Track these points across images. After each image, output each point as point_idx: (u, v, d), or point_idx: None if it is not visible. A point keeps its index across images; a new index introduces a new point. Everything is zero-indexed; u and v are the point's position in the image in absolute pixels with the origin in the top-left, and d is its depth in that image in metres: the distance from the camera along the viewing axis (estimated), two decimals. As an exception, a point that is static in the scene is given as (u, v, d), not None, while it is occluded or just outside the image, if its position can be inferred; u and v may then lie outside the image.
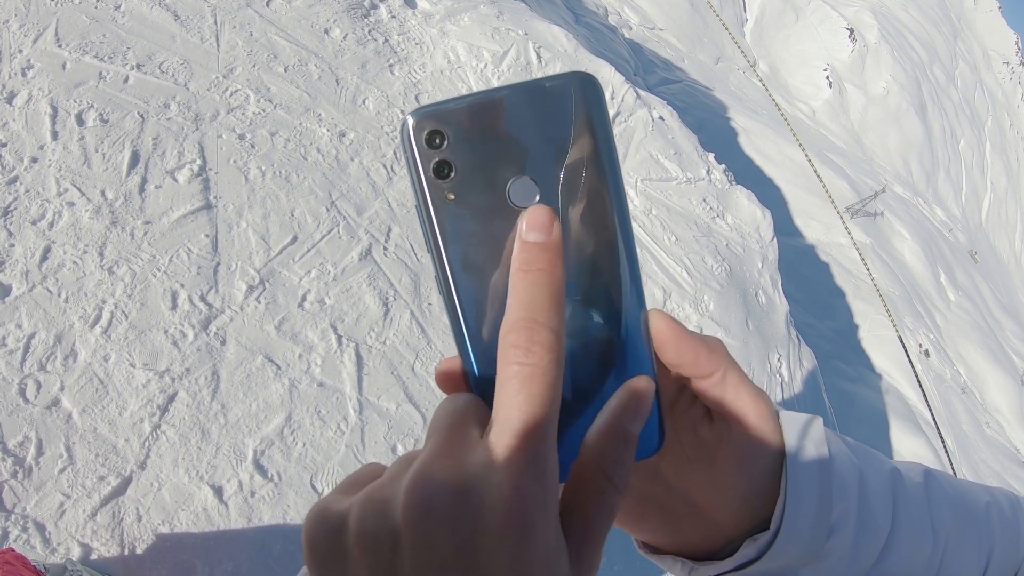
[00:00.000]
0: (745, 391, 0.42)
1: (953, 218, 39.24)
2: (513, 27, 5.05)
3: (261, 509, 2.32)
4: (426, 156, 0.32)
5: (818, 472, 0.43)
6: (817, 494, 0.43)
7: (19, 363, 2.25)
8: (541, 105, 0.33)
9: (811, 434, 0.44)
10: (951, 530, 0.51)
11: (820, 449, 0.43)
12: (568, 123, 0.34)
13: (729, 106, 17.20)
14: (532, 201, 0.33)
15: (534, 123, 0.33)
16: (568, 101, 0.34)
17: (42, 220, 2.57)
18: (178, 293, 2.63)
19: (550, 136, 0.33)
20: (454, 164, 0.32)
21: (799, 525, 0.42)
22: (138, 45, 3.34)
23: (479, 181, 0.33)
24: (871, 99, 40.98)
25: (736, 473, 0.43)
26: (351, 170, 3.53)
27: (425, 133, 0.32)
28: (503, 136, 0.33)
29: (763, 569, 0.44)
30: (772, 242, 5.63)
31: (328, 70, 3.95)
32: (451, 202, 0.33)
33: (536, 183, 0.33)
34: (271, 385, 2.59)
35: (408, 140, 0.33)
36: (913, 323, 18.73)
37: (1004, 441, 18.65)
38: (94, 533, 2.06)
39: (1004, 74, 64.91)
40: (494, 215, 0.33)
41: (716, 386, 0.41)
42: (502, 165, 0.33)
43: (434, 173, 0.32)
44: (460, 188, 0.33)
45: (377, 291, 3.09)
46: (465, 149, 0.33)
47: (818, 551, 0.44)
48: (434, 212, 0.33)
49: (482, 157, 0.33)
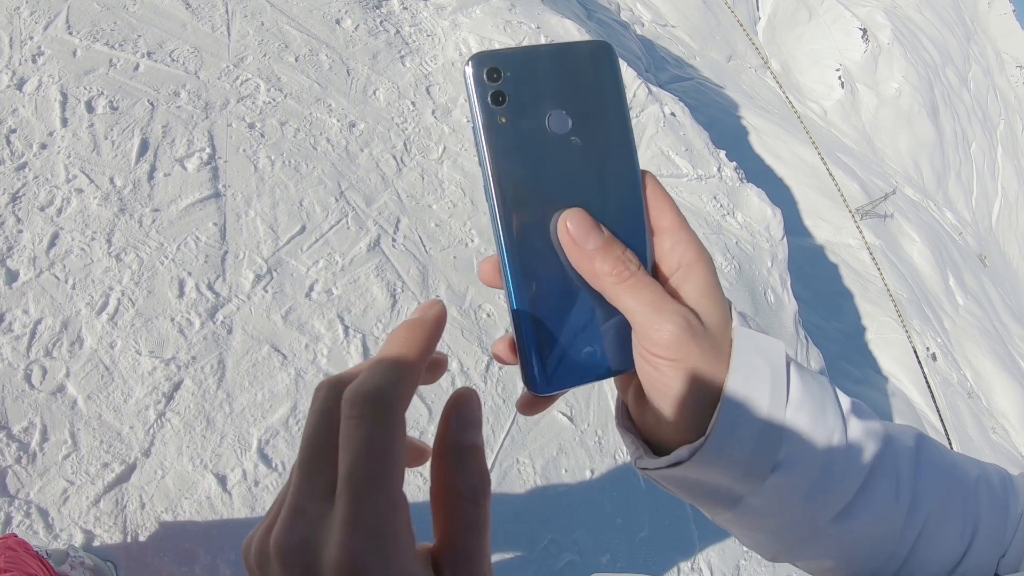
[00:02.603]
0: (702, 293, 0.46)
1: (963, 221, 39.00)
2: (525, 20, 5.02)
3: (265, 498, 2.31)
4: (484, 87, 0.42)
5: (769, 393, 0.45)
6: (765, 414, 0.44)
7: (25, 349, 2.24)
8: (575, 59, 0.44)
9: (770, 358, 0.46)
10: (935, 503, 0.50)
11: (777, 373, 0.46)
12: (592, 75, 0.44)
13: (740, 104, 17.12)
14: (565, 129, 0.43)
15: (569, 72, 0.43)
16: (592, 58, 0.44)
17: (50, 206, 2.57)
18: (185, 281, 2.62)
19: (579, 82, 0.44)
20: (507, 95, 0.42)
21: (731, 439, 0.44)
22: (149, 33, 3.33)
23: (525, 109, 0.42)
24: (883, 100, 40.70)
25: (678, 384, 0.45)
26: (360, 161, 3.52)
27: (486, 69, 0.42)
28: (545, 78, 0.43)
29: (698, 477, 0.46)
30: (782, 241, 5.60)
31: (339, 60, 3.93)
32: (502, 124, 0.42)
33: (568, 115, 0.43)
34: (277, 375, 2.58)
35: (472, 74, 0.42)
36: (921, 326, 18.63)
37: (1009, 447, 18.55)
38: (97, 520, 2.06)
39: (1017, 78, 64.41)
40: (535, 138, 0.43)
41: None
42: (544, 99, 0.43)
43: (491, 100, 0.42)
44: (510, 114, 0.42)
45: (385, 282, 3.07)
46: (516, 84, 0.42)
47: (759, 478, 0.45)
48: (488, 132, 0.42)
49: (529, 92, 0.42)
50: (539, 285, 0.44)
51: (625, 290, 0.44)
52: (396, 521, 0.32)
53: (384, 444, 0.32)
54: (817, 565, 0.52)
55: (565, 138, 0.43)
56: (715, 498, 0.49)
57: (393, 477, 0.32)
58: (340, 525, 0.31)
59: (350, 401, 0.33)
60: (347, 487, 0.31)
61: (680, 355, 0.43)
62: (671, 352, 0.43)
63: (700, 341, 0.44)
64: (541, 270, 0.44)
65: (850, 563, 0.50)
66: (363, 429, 0.32)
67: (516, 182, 0.42)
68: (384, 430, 0.32)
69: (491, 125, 0.42)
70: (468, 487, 0.34)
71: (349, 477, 0.31)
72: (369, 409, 0.32)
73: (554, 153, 0.43)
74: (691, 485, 0.48)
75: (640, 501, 3.13)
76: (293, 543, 0.32)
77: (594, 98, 0.44)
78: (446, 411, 0.37)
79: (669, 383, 0.44)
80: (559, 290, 0.45)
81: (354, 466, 0.32)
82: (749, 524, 0.50)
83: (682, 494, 0.51)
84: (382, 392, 0.33)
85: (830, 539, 0.49)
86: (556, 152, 0.43)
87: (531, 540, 2.73)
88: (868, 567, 0.50)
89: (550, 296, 0.45)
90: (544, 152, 0.43)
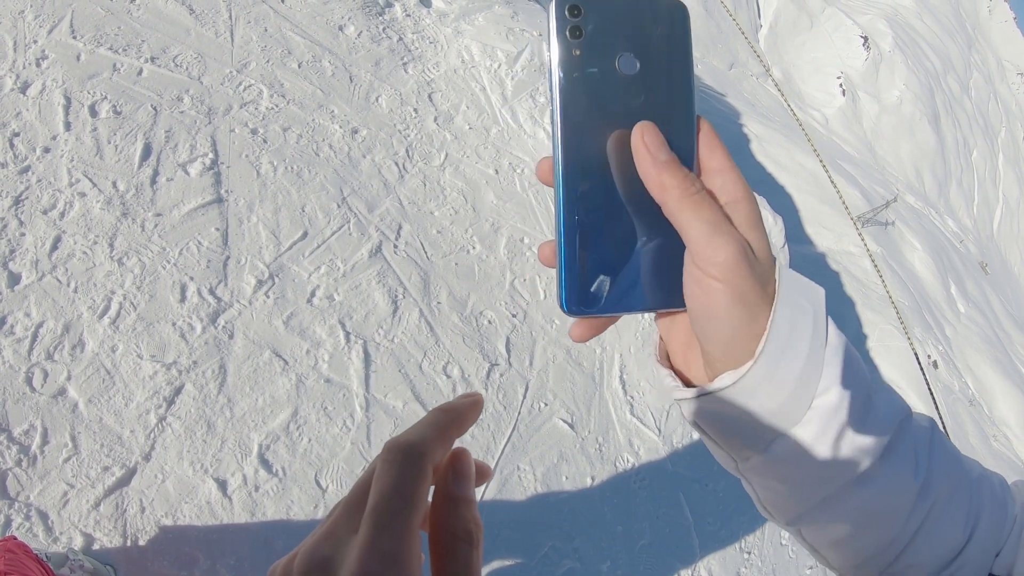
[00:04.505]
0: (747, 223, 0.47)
1: (965, 229, 38.95)
2: (528, 27, 5.03)
3: (265, 504, 2.31)
4: (564, 20, 0.45)
5: (811, 331, 0.46)
6: (807, 348, 0.45)
7: (27, 351, 2.25)
8: (650, 11, 0.46)
9: (813, 299, 0.47)
10: (945, 485, 0.51)
11: (818, 314, 0.47)
12: (665, 28, 0.47)
13: (742, 112, 17.11)
14: (633, 70, 0.46)
15: (644, 21, 0.46)
16: (667, 14, 0.47)
17: (53, 210, 2.58)
18: (187, 286, 2.62)
19: (652, 32, 0.46)
20: (584, 30, 0.45)
21: (778, 367, 0.45)
22: (152, 38, 3.35)
23: (599, 46, 0.45)
24: (884, 107, 40.71)
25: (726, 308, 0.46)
26: (363, 167, 3.52)
27: (568, 4, 0.45)
28: (622, 22, 0.46)
29: (737, 408, 0.47)
30: (783, 249, 5.60)
31: (342, 67, 3.95)
32: (576, 56, 0.45)
33: (637, 59, 0.46)
34: (278, 380, 2.58)
35: (554, 6, 0.45)
36: (922, 334, 18.58)
37: (1011, 454, 18.49)
38: (97, 523, 2.06)
39: (1019, 85, 64.41)
40: (604, 73, 0.45)
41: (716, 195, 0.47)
42: (617, 41, 0.45)
43: (569, 33, 0.45)
44: (585, 47, 0.45)
45: (386, 288, 3.08)
46: (594, 22, 0.45)
47: (798, 414, 0.46)
48: (562, 61, 0.45)
49: (604, 31, 0.45)
50: (588, 202, 0.46)
51: (690, 205, 0.45)
52: (410, 551, 0.35)
53: (409, 485, 0.37)
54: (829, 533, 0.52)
55: (632, 78, 0.45)
56: (748, 436, 0.49)
57: (413, 514, 0.36)
58: (360, 547, 0.34)
59: (387, 449, 0.38)
60: (371, 516, 0.35)
61: (734, 278, 0.44)
62: (726, 273, 0.44)
63: (752, 268, 0.45)
64: (592, 189, 0.46)
65: (861, 533, 0.50)
66: (393, 471, 0.37)
67: (580, 107, 0.45)
68: (411, 474, 0.37)
69: (566, 55, 0.44)
70: (463, 530, 0.38)
71: (374, 508, 0.36)
72: (401, 456, 0.37)
73: (619, 89, 0.45)
74: (726, 420, 0.48)
75: (641, 509, 3.13)
76: (316, 559, 0.36)
77: (663, 47, 0.46)
78: (443, 466, 0.41)
79: (719, 306, 0.45)
80: (608, 213, 0.47)
81: (380, 499, 0.36)
82: (775, 472, 0.50)
83: (715, 431, 0.51)
84: (413, 445, 0.38)
85: (849, 502, 0.49)
86: (621, 88, 0.45)
87: (531, 547, 2.72)
88: (875, 542, 0.50)
89: (597, 216, 0.46)
90: (610, 86, 0.45)
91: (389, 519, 0.35)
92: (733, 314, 0.45)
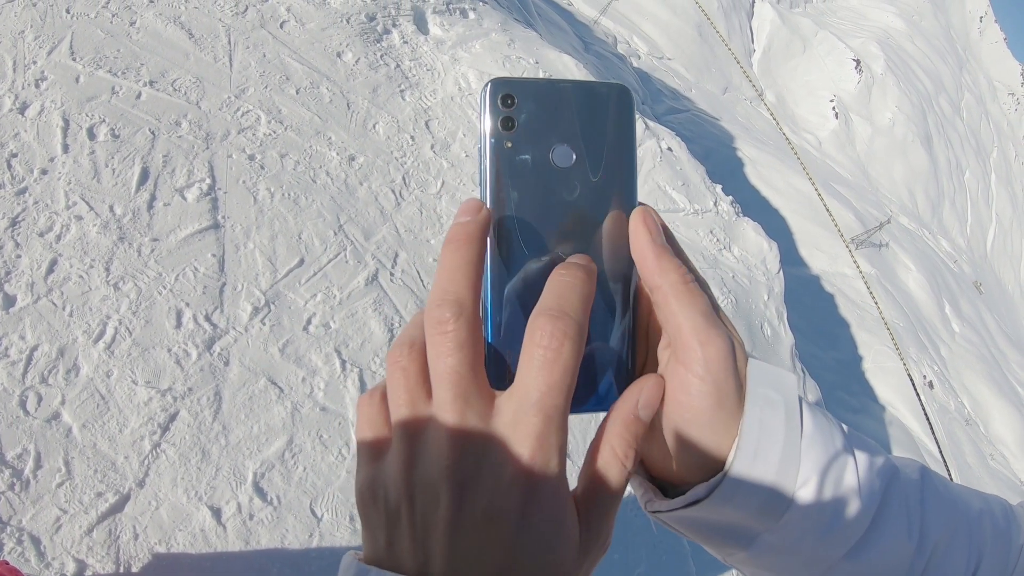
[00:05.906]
0: (695, 329, 0.43)
1: (958, 249, 39.12)
2: (524, 55, 5.09)
3: (259, 532, 2.29)
4: (497, 110, 0.43)
5: (784, 425, 0.44)
6: (782, 447, 0.43)
7: (21, 375, 2.24)
8: (588, 99, 0.45)
9: (783, 390, 0.45)
10: (942, 533, 0.50)
11: (790, 405, 0.45)
12: (605, 116, 0.45)
13: (736, 136, 17.28)
14: (568, 163, 0.44)
15: (582, 110, 0.44)
16: (608, 101, 0.45)
17: (49, 232, 2.58)
18: (183, 312, 2.63)
19: (591, 121, 0.45)
20: (517, 121, 0.43)
21: (751, 474, 0.43)
22: (152, 62, 3.38)
23: (532, 138, 0.44)
24: (877, 130, 41.09)
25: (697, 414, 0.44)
26: (359, 194, 3.54)
27: (501, 94, 0.43)
28: (557, 112, 0.44)
29: (715, 516, 0.45)
30: (778, 274, 5.63)
31: (339, 93, 3.98)
32: (508, 149, 0.43)
33: (573, 151, 0.44)
34: (273, 408, 2.58)
35: (487, 96, 0.44)
36: (917, 354, 18.64)
37: (1008, 473, 18.48)
38: (90, 549, 2.04)
39: (1010, 105, 65.07)
40: (537, 168, 0.44)
41: (660, 306, 0.44)
42: (551, 132, 0.44)
43: (500, 125, 0.43)
44: (517, 140, 0.43)
45: (383, 316, 3.08)
46: (527, 113, 0.44)
47: (777, 513, 0.44)
48: (494, 154, 0.43)
49: (538, 122, 0.44)
50: (516, 303, 0.44)
51: (687, 293, 0.42)
52: (562, 447, 0.37)
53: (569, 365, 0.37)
54: None
55: (566, 171, 0.44)
56: (730, 538, 0.47)
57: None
58: (525, 440, 0.36)
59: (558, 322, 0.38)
60: (539, 409, 0.36)
61: (718, 378, 0.41)
62: (713, 373, 0.41)
63: (736, 367, 0.42)
64: (522, 292, 0.43)
65: None
66: (567, 352, 0.37)
67: (511, 201, 0.44)
68: (572, 353, 0.37)
69: (496, 148, 0.43)
70: (628, 455, 0.39)
71: (541, 400, 0.36)
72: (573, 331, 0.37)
73: (552, 185, 0.44)
74: (706, 526, 0.47)
75: (637, 537, 3.12)
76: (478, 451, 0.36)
77: (601, 140, 0.45)
78: (639, 387, 0.42)
79: (702, 411, 0.42)
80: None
81: (550, 390, 0.36)
82: (763, 563, 0.49)
83: (694, 535, 0.49)
84: (577, 320, 0.38)
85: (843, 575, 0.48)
86: (554, 184, 0.44)
87: None
88: None
89: (524, 316, 0.43)
90: (542, 182, 0.44)
91: (547, 410, 0.36)
92: (715, 420, 0.42)
